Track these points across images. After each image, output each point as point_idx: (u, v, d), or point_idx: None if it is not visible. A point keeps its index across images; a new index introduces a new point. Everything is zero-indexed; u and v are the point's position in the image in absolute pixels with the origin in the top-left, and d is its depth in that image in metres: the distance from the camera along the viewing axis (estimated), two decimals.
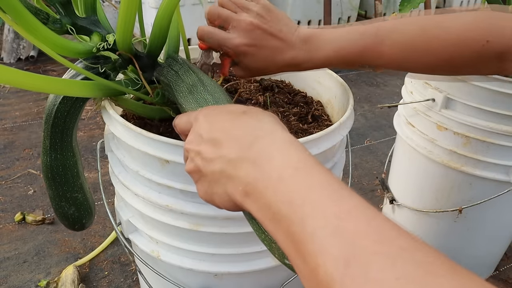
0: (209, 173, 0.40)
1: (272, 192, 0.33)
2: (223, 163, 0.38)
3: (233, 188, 0.37)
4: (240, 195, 0.37)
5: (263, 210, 0.34)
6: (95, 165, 1.57)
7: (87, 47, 0.57)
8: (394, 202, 1.21)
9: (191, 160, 0.42)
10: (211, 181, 0.40)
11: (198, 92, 0.54)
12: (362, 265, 0.26)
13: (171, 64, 0.60)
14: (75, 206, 0.74)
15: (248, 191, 0.36)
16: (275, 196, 0.33)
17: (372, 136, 1.94)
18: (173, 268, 0.70)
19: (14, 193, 1.45)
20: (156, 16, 0.57)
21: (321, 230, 0.29)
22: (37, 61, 2.40)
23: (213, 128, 0.41)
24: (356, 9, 2.89)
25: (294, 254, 0.31)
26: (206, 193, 0.41)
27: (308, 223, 0.30)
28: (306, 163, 0.34)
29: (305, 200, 0.31)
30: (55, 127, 0.64)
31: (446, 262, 0.26)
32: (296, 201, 0.32)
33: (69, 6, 0.56)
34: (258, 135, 0.38)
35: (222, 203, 0.40)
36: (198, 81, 0.55)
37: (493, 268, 1.26)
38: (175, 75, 0.58)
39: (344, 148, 0.73)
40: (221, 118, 0.42)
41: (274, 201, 0.33)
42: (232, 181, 0.37)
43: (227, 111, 0.43)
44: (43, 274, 1.16)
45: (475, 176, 0.99)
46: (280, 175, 0.34)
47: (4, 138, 1.74)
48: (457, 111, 0.96)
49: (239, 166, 0.37)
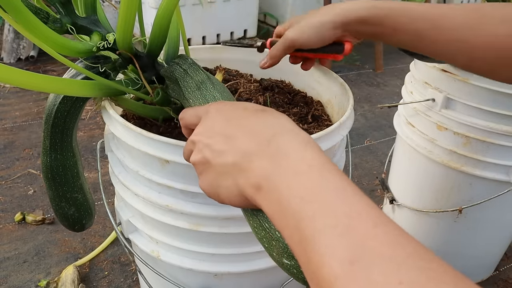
0: (219, 164, 0.39)
1: (285, 187, 0.33)
2: (237, 155, 0.38)
3: (244, 181, 0.37)
4: (251, 188, 0.37)
5: (274, 205, 0.34)
6: (95, 165, 1.57)
7: (87, 46, 0.57)
8: (394, 202, 1.21)
9: (199, 151, 0.42)
10: (220, 173, 0.40)
11: (206, 89, 0.54)
12: (366, 266, 0.26)
13: (180, 63, 0.60)
14: (75, 206, 0.74)
15: (261, 184, 0.35)
16: (288, 191, 0.33)
17: (372, 136, 1.94)
18: (173, 268, 0.70)
19: (14, 193, 1.45)
20: (156, 16, 0.57)
21: (331, 229, 0.29)
22: (37, 61, 2.40)
23: (229, 124, 0.41)
24: None
25: (299, 250, 0.31)
26: (211, 185, 0.41)
27: (319, 220, 0.30)
28: (321, 162, 0.34)
29: (317, 198, 0.31)
30: (55, 127, 0.63)
31: (450, 271, 0.26)
32: (308, 197, 0.32)
33: (69, 6, 0.56)
34: (277, 132, 0.38)
35: (227, 197, 0.40)
36: (207, 79, 0.55)
37: (493, 268, 1.26)
38: (184, 73, 0.58)
39: (344, 148, 0.73)
40: (237, 115, 0.42)
41: (287, 196, 0.33)
42: (245, 174, 0.37)
43: (243, 107, 0.43)
44: (43, 274, 1.16)
45: (475, 176, 0.99)
46: (295, 171, 0.34)
47: (4, 138, 1.74)
48: (457, 111, 0.96)
49: (254, 160, 0.37)
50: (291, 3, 2.61)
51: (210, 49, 0.88)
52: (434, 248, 1.17)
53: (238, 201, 0.39)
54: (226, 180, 0.39)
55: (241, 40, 0.77)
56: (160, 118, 0.67)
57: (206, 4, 2.32)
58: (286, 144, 0.36)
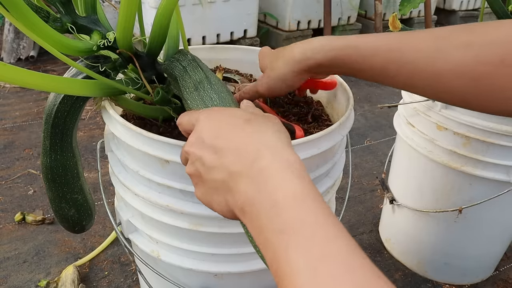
0: (210, 180, 0.40)
1: (264, 217, 0.34)
2: (225, 174, 0.39)
3: (232, 201, 0.38)
4: (238, 210, 0.38)
5: (256, 231, 0.35)
6: (95, 165, 1.57)
7: (87, 45, 0.57)
8: (394, 202, 1.21)
9: (192, 164, 0.43)
10: (211, 188, 0.41)
11: (204, 89, 0.54)
12: None
13: (180, 59, 0.60)
14: (75, 207, 0.74)
15: (245, 210, 0.37)
16: (267, 222, 0.34)
17: (372, 136, 1.94)
18: (173, 268, 0.70)
19: (14, 193, 1.45)
20: (156, 15, 0.57)
21: (302, 271, 0.30)
22: (37, 61, 2.40)
23: (215, 134, 0.41)
24: (356, 9, 2.89)
25: (276, 280, 0.32)
26: (205, 197, 0.42)
27: (292, 258, 0.31)
28: (302, 192, 0.35)
29: (294, 234, 0.32)
30: (55, 127, 0.63)
31: None
32: (286, 231, 0.32)
33: (69, 5, 0.56)
34: (260, 151, 0.38)
35: (220, 210, 0.41)
36: (205, 79, 0.55)
37: (493, 268, 1.26)
38: (183, 70, 0.58)
39: (344, 148, 0.73)
40: (223, 124, 0.42)
41: (266, 226, 0.34)
42: (232, 194, 0.38)
43: (230, 115, 0.43)
44: (43, 274, 1.16)
45: (475, 176, 0.99)
46: (274, 202, 0.34)
47: (4, 138, 1.74)
48: (457, 111, 0.96)
49: (239, 181, 0.38)
50: (291, 3, 2.61)
51: (210, 49, 0.88)
52: (434, 248, 1.18)
53: (229, 215, 0.40)
54: (218, 195, 0.40)
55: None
56: (160, 118, 0.67)
57: (206, 4, 2.32)
58: (267, 167, 0.37)
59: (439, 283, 1.22)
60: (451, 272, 1.20)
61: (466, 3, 3.47)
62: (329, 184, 0.67)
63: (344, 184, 1.10)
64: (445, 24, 3.54)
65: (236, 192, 0.38)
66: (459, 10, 3.47)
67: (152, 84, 0.63)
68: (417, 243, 1.21)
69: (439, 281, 1.22)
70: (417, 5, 1.04)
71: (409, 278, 1.23)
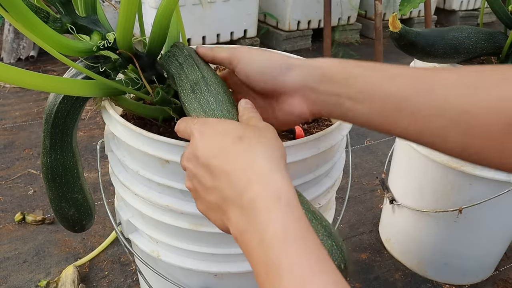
0: (207, 200, 0.42)
1: (254, 252, 0.36)
2: (219, 197, 0.41)
3: (227, 224, 0.41)
4: (232, 234, 0.40)
5: (247, 257, 0.38)
6: (95, 165, 1.57)
7: (87, 45, 0.57)
8: (394, 202, 1.21)
9: (189, 179, 0.45)
10: (208, 206, 0.43)
11: (201, 92, 0.53)
12: None
13: (176, 54, 0.59)
14: (75, 207, 0.74)
15: (237, 238, 0.39)
16: (256, 256, 0.36)
17: (372, 136, 1.94)
18: (173, 268, 0.70)
19: (14, 193, 1.45)
20: (156, 15, 0.57)
21: None
22: (37, 61, 2.40)
23: (208, 154, 0.42)
24: (356, 9, 2.89)
25: None
26: (204, 212, 0.44)
27: None
28: (286, 230, 0.35)
29: (278, 273, 0.34)
30: (55, 127, 0.63)
31: None
32: (272, 270, 0.34)
33: (69, 5, 0.56)
34: (250, 180, 0.38)
35: (218, 226, 0.43)
36: (202, 79, 0.54)
37: (493, 268, 1.26)
38: (179, 68, 0.57)
39: (344, 148, 0.73)
40: (215, 143, 0.42)
41: (255, 260, 0.36)
42: (226, 218, 0.40)
43: (223, 132, 0.43)
44: (43, 274, 1.16)
45: (475, 176, 0.99)
46: (261, 240, 0.36)
47: (4, 138, 1.74)
48: None
49: (231, 209, 0.39)
50: (291, 3, 2.61)
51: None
52: (434, 248, 1.18)
53: (228, 232, 0.42)
54: (215, 214, 0.42)
55: None
56: (160, 118, 0.67)
57: (206, 4, 2.32)
58: (256, 198, 0.37)
59: (439, 283, 1.22)
60: (451, 272, 1.20)
61: (466, 3, 3.47)
62: (329, 184, 0.67)
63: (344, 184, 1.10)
64: (445, 24, 3.54)
65: (228, 219, 0.40)
66: (459, 10, 3.47)
67: (152, 84, 0.63)
68: (417, 243, 1.21)
69: (439, 281, 1.23)
70: (417, 5, 1.04)
71: (409, 278, 1.23)
